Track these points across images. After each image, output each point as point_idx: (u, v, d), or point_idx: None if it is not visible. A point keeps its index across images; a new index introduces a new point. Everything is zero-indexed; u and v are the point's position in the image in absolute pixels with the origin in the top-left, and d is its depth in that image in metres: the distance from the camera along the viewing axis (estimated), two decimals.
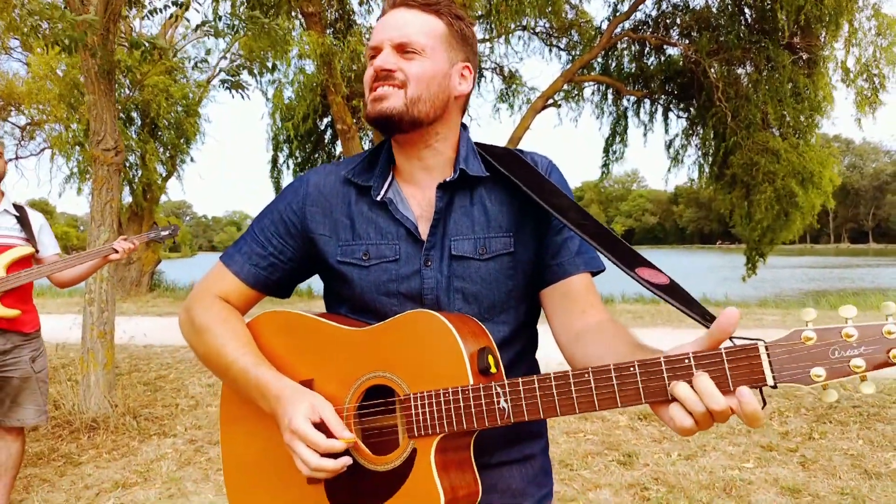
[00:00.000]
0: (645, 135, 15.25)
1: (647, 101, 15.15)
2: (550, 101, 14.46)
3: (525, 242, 1.22)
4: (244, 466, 1.29)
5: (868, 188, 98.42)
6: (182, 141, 14.74)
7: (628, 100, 15.25)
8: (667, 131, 15.30)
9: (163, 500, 3.62)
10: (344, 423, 1.12)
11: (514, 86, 16.34)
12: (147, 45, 4.44)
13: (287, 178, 14.86)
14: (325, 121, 14.47)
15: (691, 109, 14.77)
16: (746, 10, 13.45)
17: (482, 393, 1.03)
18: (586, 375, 0.95)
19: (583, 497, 3.51)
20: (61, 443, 4.51)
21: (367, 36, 12.24)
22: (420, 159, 1.23)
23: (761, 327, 9.11)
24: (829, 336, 0.83)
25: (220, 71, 14.81)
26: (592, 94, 15.55)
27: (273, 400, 1.14)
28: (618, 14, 14.38)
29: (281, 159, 14.74)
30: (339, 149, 14.75)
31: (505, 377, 1.07)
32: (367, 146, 14.49)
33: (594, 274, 1.25)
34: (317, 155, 15.16)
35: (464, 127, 1.30)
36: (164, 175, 15.76)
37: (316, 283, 1.39)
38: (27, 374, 3.23)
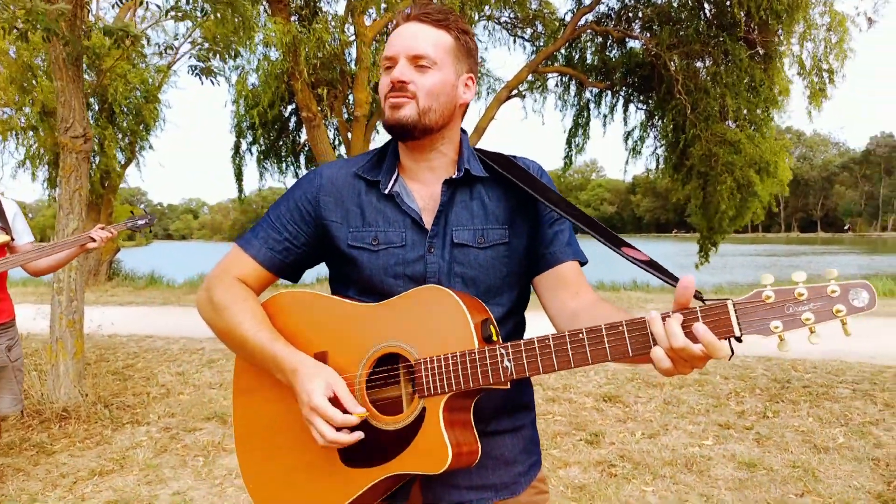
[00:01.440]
0: (605, 126, 15.54)
1: (609, 93, 15.42)
2: (515, 91, 14.62)
3: (519, 234, 1.36)
4: (257, 432, 1.39)
5: (817, 179, 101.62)
6: (141, 127, 14.42)
7: (591, 91, 15.51)
8: (626, 123, 15.62)
9: (141, 486, 3.65)
10: (356, 394, 1.24)
11: (479, 75, 16.43)
12: (121, 32, 4.39)
13: (250, 165, 14.74)
14: (290, 108, 14.34)
15: (650, 102, 15.09)
16: (706, 6, 13.78)
17: (487, 354, 1.15)
18: (580, 334, 1.09)
19: (553, 475, 3.67)
20: (32, 432, 4.48)
21: (332, 23, 12.17)
22: (427, 160, 1.37)
23: None
24: (784, 295, 0.99)
25: (180, 56, 14.56)
26: (556, 85, 15.77)
27: (290, 373, 1.25)
28: (582, 6, 14.59)
29: (244, 146, 14.58)
30: (303, 136, 14.64)
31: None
32: (331, 135, 14.43)
33: (581, 264, 1.41)
34: (281, 143, 15.04)
35: (463, 131, 1.43)
36: (122, 162, 15.42)
37: (323, 270, 1.50)
38: (3, 363, 3.22)
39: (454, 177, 1.34)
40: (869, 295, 0.95)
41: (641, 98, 15.30)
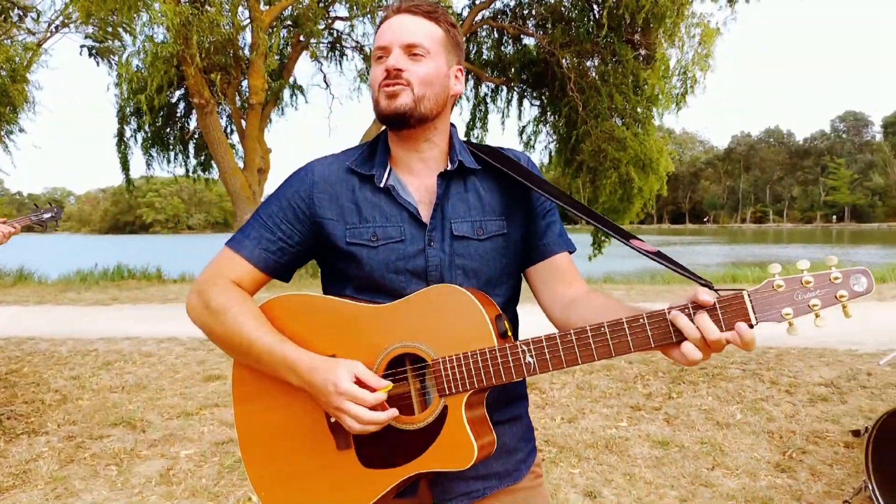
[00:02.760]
0: (503, 121, 15.92)
1: (505, 89, 15.80)
2: None
3: (515, 225, 1.39)
4: (265, 440, 1.34)
5: (686, 174, 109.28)
6: (8, 109, 13.15)
7: (487, 86, 15.82)
8: (521, 118, 16.10)
9: (49, 500, 3.38)
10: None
11: None
12: (7, 3, 3.99)
13: (136, 153, 13.82)
14: (178, 93, 13.59)
15: (544, 98, 15.62)
16: (595, 7, 14.42)
17: (508, 351, 1.17)
18: (603, 328, 1.12)
19: None
20: None
21: (226, 7, 11.64)
22: (418, 151, 1.36)
23: None
24: (793, 284, 1.06)
25: (50, 34, 13.42)
26: None
27: (306, 373, 1.22)
28: (478, 3, 14.83)
29: (128, 133, 13.65)
30: (193, 123, 13.94)
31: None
32: (224, 122, 13.84)
33: (570, 253, 1.46)
34: (168, 129, 14.22)
35: (452, 124, 1.44)
36: None
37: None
38: None
39: (448, 168, 1.34)
40: (867, 280, 1.04)
41: (535, 94, 15.80)
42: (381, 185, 1.32)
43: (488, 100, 16.01)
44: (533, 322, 1.68)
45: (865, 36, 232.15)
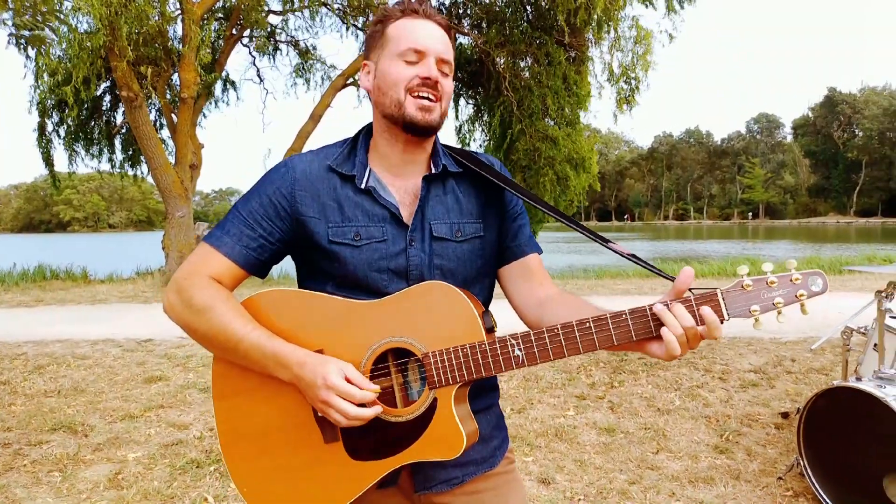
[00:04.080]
0: None
1: None
2: (351, 80, 14.54)
3: (490, 227, 1.45)
4: (248, 436, 1.34)
5: (612, 173, 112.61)
6: None
7: None
8: (457, 117, 16.23)
9: None
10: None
11: (309, 61, 16.13)
12: None
13: (58, 148, 13.14)
14: (104, 86, 13.02)
15: (479, 97, 15.80)
16: (528, 7, 14.70)
17: (497, 345, 1.23)
18: (587, 323, 1.20)
19: None
20: None
21: None
22: (412, 154, 1.39)
23: None
24: (760, 284, 1.17)
25: None
26: None
27: (296, 367, 1.24)
28: None
29: (50, 127, 12.96)
30: (120, 117, 13.40)
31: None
32: (154, 116, 13.37)
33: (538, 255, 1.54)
34: (93, 123, 13.61)
35: None
36: None
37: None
38: None
39: (433, 172, 1.39)
40: (822, 281, 1.17)
41: (471, 93, 15.97)
42: (363, 185, 1.35)
43: None
44: (502, 319, 1.76)
45: (775, 41, 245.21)
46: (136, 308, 9.99)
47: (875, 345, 3.64)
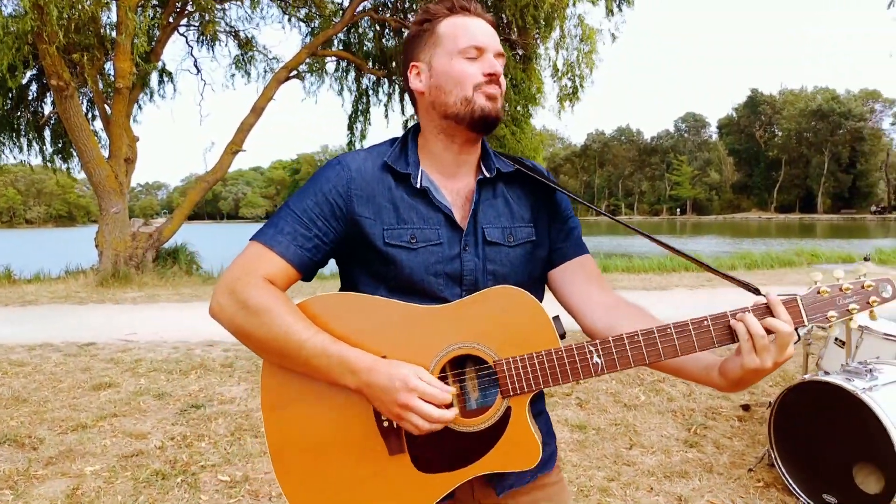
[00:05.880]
0: (387, 115, 15.87)
1: (386, 81, 15.74)
2: (294, 72, 14.22)
3: (541, 232, 1.41)
4: (303, 448, 1.27)
5: (547, 169, 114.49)
6: None
7: (369, 78, 15.69)
8: (404, 112, 16.12)
9: None
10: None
11: (250, 52, 15.69)
12: None
13: None
14: (29, 74, 12.29)
15: None
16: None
17: (576, 352, 1.20)
18: (668, 329, 1.18)
19: None
20: None
21: None
22: (468, 154, 1.36)
23: None
24: (835, 291, 1.18)
25: None
26: (335, 69, 15.66)
27: (365, 373, 1.18)
28: None
29: None
30: (48, 107, 12.67)
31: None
32: (85, 106, 12.72)
33: None
34: (19, 113, 12.82)
35: None
36: None
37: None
38: None
39: (487, 175, 1.35)
40: (892, 287, 1.19)
41: None
42: (418, 185, 1.30)
43: (370, 92, 15.91)
44: None
45: (702, 44, 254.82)
46: (70, 309, 9.49)
47: (836, 339, 3.81)
